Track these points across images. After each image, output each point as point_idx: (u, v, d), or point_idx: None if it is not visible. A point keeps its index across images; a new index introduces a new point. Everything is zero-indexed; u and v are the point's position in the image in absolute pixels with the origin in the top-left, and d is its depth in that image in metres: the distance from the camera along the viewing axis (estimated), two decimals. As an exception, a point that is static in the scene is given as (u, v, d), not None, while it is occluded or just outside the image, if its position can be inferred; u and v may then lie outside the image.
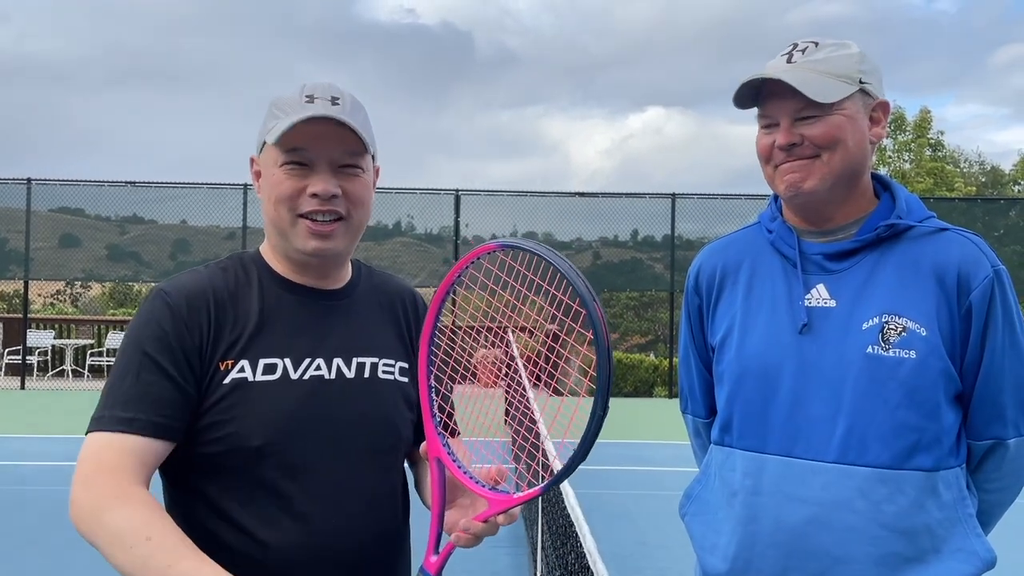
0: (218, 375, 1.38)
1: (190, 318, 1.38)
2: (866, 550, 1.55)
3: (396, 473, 1.53)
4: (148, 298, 1.42)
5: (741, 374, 1.66)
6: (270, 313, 1.44)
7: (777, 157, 1.61)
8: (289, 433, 1.38)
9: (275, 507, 1.37)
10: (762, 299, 1.68)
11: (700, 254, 1.85)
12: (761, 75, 1.58)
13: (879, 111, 1.63)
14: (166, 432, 1.34)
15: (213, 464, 1.38)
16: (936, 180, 24.59)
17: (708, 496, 1.76)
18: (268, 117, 1.44)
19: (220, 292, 1.43)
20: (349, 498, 1.41)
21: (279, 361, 1.41)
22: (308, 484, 1.38)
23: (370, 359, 1.49)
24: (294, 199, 1.40)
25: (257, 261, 1.50)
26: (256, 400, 1.38)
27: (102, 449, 1.32)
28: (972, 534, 1.58)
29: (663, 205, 14.83)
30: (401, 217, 15.85)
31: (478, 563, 5.00)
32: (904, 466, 1.55)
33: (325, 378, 1.43)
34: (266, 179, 1.44)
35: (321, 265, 1.48)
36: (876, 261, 1.61)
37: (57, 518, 5.87)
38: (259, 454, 1.36)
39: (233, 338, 1.40)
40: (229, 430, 1.37)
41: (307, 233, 1.42)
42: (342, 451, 1.42)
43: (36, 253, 14.63)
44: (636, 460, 8.17)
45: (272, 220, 1.44)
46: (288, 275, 1.48)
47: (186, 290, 1.41)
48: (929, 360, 1.54)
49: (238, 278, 1.46)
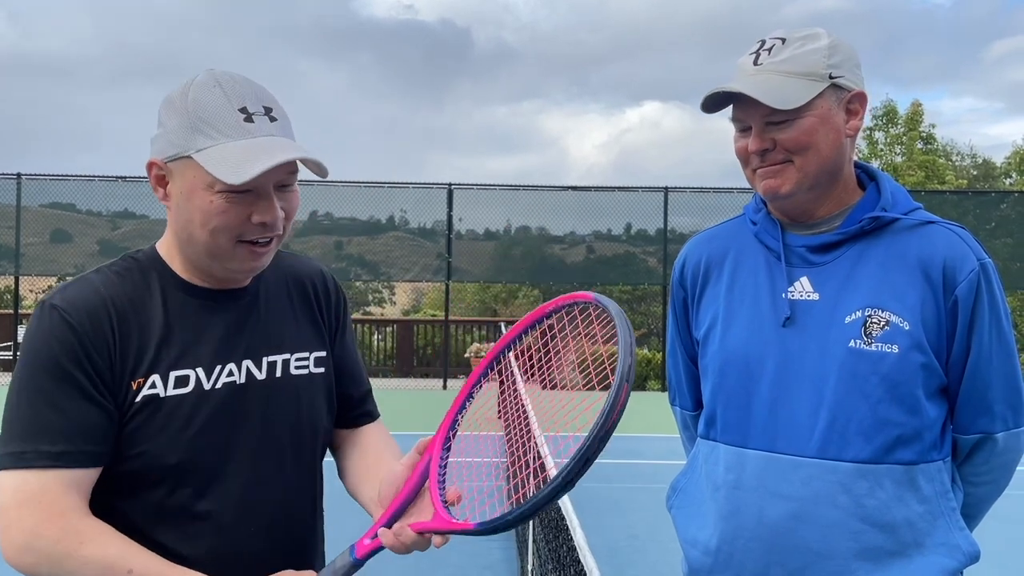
0: (130, 394, 1.30)
1: (95, 335, 1.28)
2: (848, 545, 1.55)
3: (313, 468, 1.50)
4: (39, 316, 1.30)
5: (724, 367, 1.65)
6: (175, 321, 1.35)
7: (753, 161, 1.60)
8: (205, 447, 1.33)
9: (191, 521, 1.33)
10: (745, 291, 1.67)
11: (685, 247, 1.85)
12: (723, 88, 1.56)
13: (856, 102, 1.60)
14: (97, 460, 1.28)
15: (130, 483, 1.32)
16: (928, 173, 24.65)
17: (693, 489, 1.76)
18: (189, 129, 1.28)
19: (120, 302, 1.32)
20: (265, 500, 1.39)
21: (191, 372, 1.34)
22: (225, 494, 1.35)
23: (281, 356, 1.44)
24: (237, 228, 1.30)
25: (156, 264, 1.39)
26: (170, 416, 1.32)
27: (36, 490, 1.23)
28: (955, 528, 1.58)
29: (656, 199, 14.82)
30: (394, 212, 15.82)
31: (469, 556, 5.01)
32: (884, 460, 1.54)
33: (238, 383, 1.38)
34: (191, 199, 1.29)
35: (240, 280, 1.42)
36: (860, 254, 1.60)
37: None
38: (177, 470, 1.31)
39: (140, 352, 1.32)
40: (143, 448, 1.31)
41: (246, 256, 1.33)
42: (259, 456, 1.39)
43: (27, 248, 14.56)
44: (628, 453, 8.18)
45: (202, 243, 1.31)
46: (191, 279, 1.39)
47: (83, 303, 1.30)
48: (911, 354, 1.53)
49: (136, 285, 1.36)
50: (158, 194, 1.36)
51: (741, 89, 1.54)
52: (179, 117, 1.30)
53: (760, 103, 1.53)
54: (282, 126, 1.33)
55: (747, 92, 1.53)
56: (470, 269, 15.69)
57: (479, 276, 16.59)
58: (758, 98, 1.52)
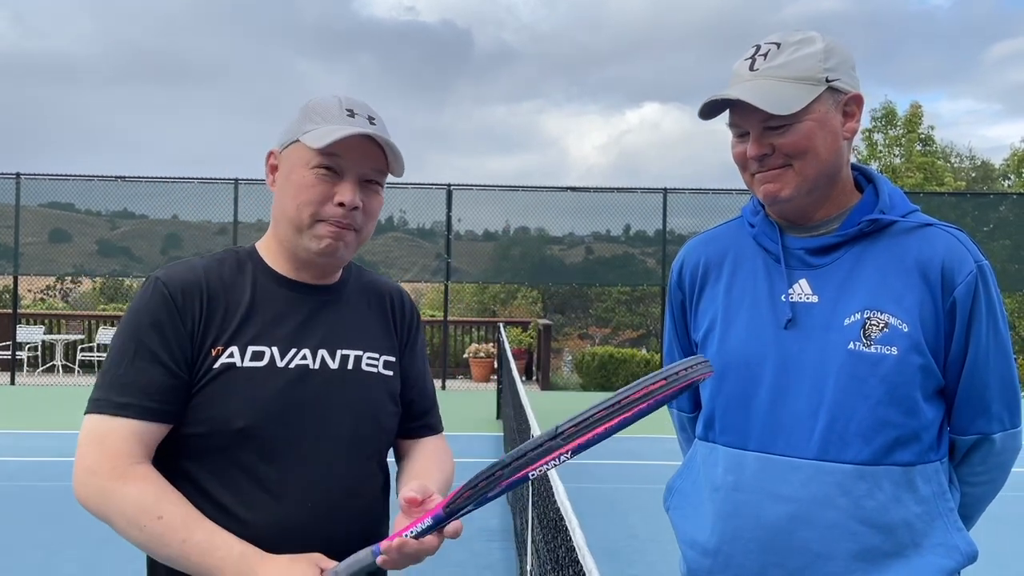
0: (208, 360, 1.43)
1: (184, 305, 1.44)
2: (847, 546, 1.55)
3: (376, 465, 1.56)
4: (144, 285, 1.48)
5: (723, 369, 1.66)
6: (260, 304, 1.50)
7: (752, 166, 1.61)
8: (271, 417, 1.43)
9: (253, 487, 1.42)
10: (744, 294, 1.68)
11: (683, 249, 1.85)
12: (722, 96, 1.57)
13: (852, 104, 1.60)
14: (159, 416, 1.41)
15: (197, 445, 1.43)
16: (926, 175, 24.67)
17: (691, 490, 1.77)
18: (303, 119, 1.49)
19: (213, 281, 1.49)
20: (325, 483, 1.46)
21: (267, 349, 1.46)
22: (286, 468, 1.43)
23: (354, 351, 1.54)
24: (320, 204, 1.46)
25: (252, 256, 1.56)
26: (242, 384, 1.43)
27: (103, 432, 1.39)
28: (953, 528, 1.59)
29: (655, 200, 14.83)
30: (393, 212, 15.81)
31: (469, 555, 5.02)
32: (882, 461, 1.55)
33: (310, 367, 1.49)
34: (290, 177, 1.48)
35: (321, 267, 1.54)
36: (858, 256, 1.61)
37: (47, 514, 5.86)
38: (241, 435, 1.42)
39: (223, 325, 1.46)
40: (213, 412, 1.42)
41: (323, 233, 1.47)
42: (322, 438, 1.47)
43: (26, 248, 14.54)
44: (627, 454, 8.19)
45: (290, 217, 1.48)
46: (283, 272, 1.54)
47: (181, 278, 1.47)
48: (910, 356, 1.54)
49: (231, 270, 1.52)
50: (268, 180, 1.55)
51: (739, 96, 1.54)
52: (299, 114, 1.51)
53: (758, 108, 1.53)
54: (379, 128, 1.49)
55: (745, 99, 1.53)
56: (469, 269, 15.69)
57: (478, 276, 16.58)
58: (757, 104, 1.52)
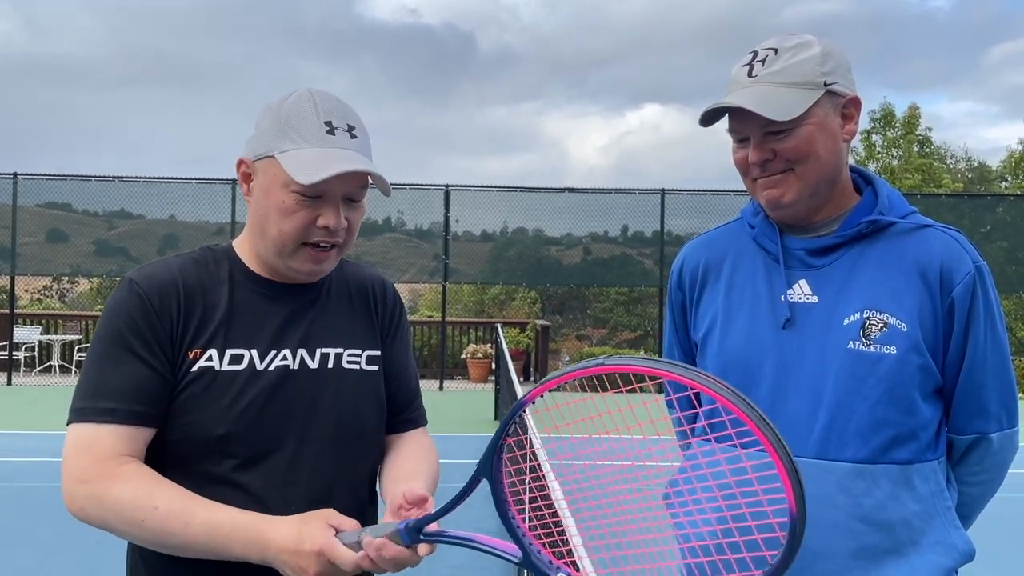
0: (186, 363, 1.41)
1: (161, 307, 1.41)
2: (847, 544, 1.56)
3: (362, 462, 1.54)
4: (118, 287, 1.45)
5: (723, 369, 1.66)
6: (238, 305, 1.47)
7: (753, 171, 1.62)
8: (252, 423, 1.41)
9: (237, 494, 1.39)
10: (744, 294, 1.69)
11: (683, 250, 1.86)
12: (722, 103, 1.58)
13: (850, 107, 1.62)
14: (145, 419, 1.39)
15: (178, 452, 1.41)
16: (924, 176, 24.73)
17: (690, 488, 1.78)
18: (277, 133, 1.42)
19: (190, 282, 1.46)
20: (308, 485, 1.44)
21: (245, 352, 1.44)
22: (267, 472, 1.42)
23: (334, 349, 1.52)
24: (304, 229, 1.43)
25: (230, 256, 1.53)
26: (221, 389, 1.41)
27: (89, 441, 1.35)
28: (951, 527, 1.60)
29: (653, 201, 14.85)
30: (391, 213, 15.83)
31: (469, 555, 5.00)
32: (880, 460, 1.56)
33: (290, 368, 1.47)
34: (269, 196, 1.43)
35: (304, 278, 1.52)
36: (858, 256, 1.62)
37: (45, 514, 5.85)
38: (221, 442, 1.40)
39: (201, 327, 1.43)
40: (193, 417, 1.40)
41: (307, 258, 1.45)
42: (305, 440, 1.45)
43: (23, 248, 14.52)
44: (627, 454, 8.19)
45: (272, 239, 1.45)
46: (262, 272, 1.52)
47: (156, 279, 1.44)
48: (909, 356, 1.55)
49: (208, 270, 1.49)
50: (243, 189, 1.50)
51: (740, 103, 1.55)
52: (272, 122, 1.44)
53: (758, 115, 1.54)
54: (361, 144, 1.46)
55: (745, 105, 1.54)
56: (467, 270, 15.70)
57: (476, 277, 16.59)
58: (757, 111, 1.53)
